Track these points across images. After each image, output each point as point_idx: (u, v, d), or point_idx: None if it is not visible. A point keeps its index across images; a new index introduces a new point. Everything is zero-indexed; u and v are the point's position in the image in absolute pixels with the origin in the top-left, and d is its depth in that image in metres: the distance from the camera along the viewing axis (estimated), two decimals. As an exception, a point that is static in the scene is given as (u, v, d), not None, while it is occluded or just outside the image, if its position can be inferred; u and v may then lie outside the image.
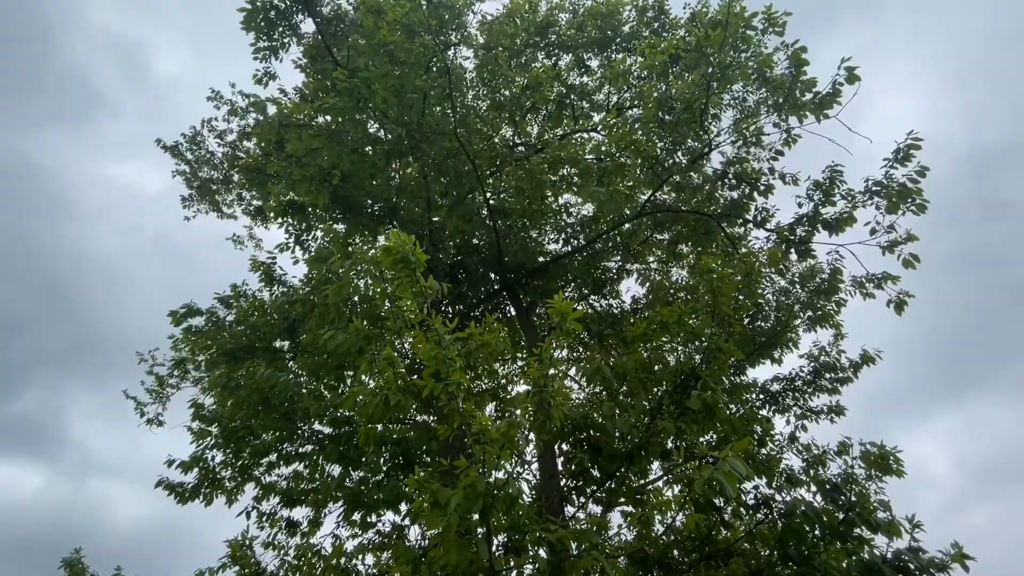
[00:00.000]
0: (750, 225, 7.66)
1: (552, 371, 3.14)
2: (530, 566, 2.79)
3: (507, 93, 8.49)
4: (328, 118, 6.29)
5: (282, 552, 6.11)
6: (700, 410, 3.58)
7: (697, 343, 4.22)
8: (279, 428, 7.04)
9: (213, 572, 4.37)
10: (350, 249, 6.70)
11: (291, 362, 7.16)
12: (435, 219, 8.25)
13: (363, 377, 4.91)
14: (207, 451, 6.78)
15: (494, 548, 3.28)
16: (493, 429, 2.69)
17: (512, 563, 2.79)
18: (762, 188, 7.20)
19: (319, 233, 7.77)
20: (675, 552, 5.63)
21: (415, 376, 4.43)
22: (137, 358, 7.12)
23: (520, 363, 8.52)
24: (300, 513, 6.99)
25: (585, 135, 9.68)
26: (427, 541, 5.46)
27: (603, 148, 7.94)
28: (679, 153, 7.57)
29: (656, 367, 4.63)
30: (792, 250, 6.23)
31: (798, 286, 6.98)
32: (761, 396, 6.99)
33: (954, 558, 3.82)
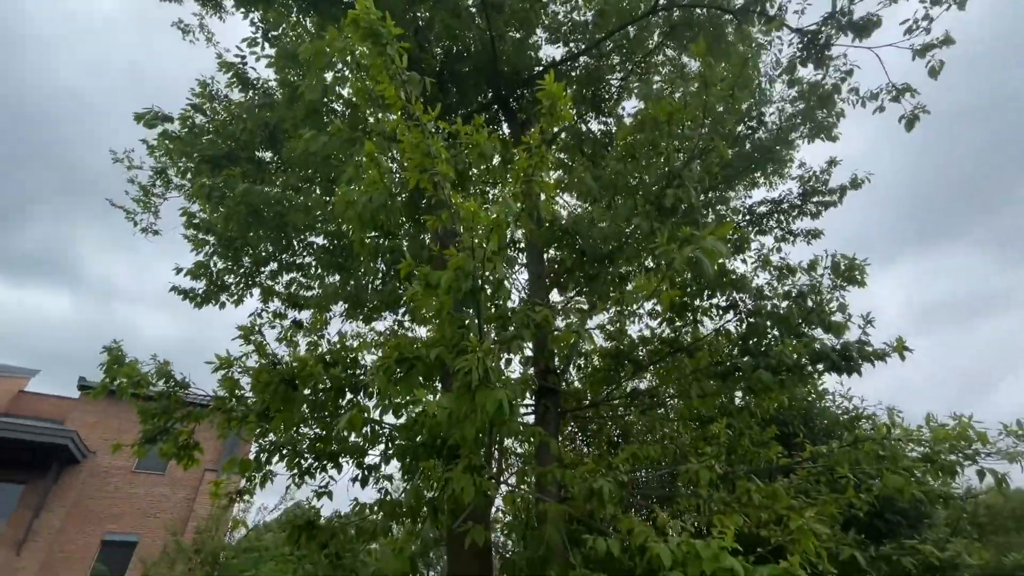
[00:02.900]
0: (773, 30, 6.84)
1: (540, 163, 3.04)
2: (518, 343, 3.09)
3: None
4: None
5: (295, 346, 6.72)
6: (675, 207, 3.62)
7: (686, 143, 4.07)
8: (274, 241, 7.19)
9: (232, 357, 4.78)
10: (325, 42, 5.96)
11: (275, 175, 6.98)
12: (420, 14, 7.25)
13: (351, 185, 4.80)
14: (209, 259, 7.01)
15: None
16: (481, 213, 2.71)
17: (500, 338, 3.08)
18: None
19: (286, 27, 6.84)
20: (645, 350, 6.31)
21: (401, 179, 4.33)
22: (111, 156, 6.83)
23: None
24: (305, 316, 7.56)
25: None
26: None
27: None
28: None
29: (644, 176, 4.56)
30: (811, 53, 5.66)
31: (799, 100, 6.53)
32: (747, 217, 7.09)
33: (895, 348, 4.31)
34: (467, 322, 3.14)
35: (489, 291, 2.84)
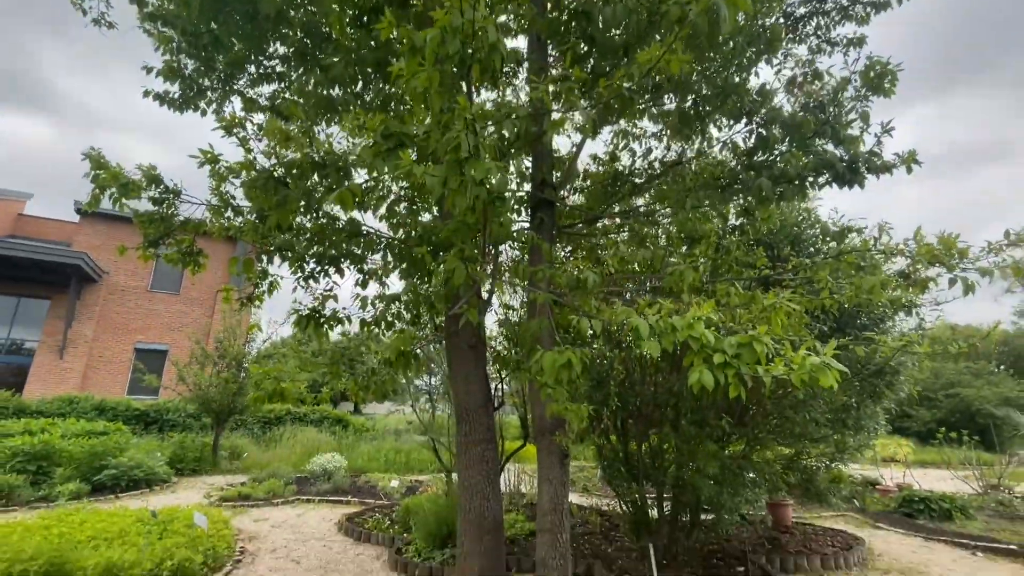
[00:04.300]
0: None
1: None
2: (511, 122, 2.90)
3: None
4: None
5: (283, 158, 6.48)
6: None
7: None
8: (246, 38, 6.43)
9: (218, 154, 4.56)
10: None
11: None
12: None
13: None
14: (177, 58, 6.37)
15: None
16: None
17: (494, 117, 2.88)
18: None
19: None
20: (645, 171, 6.13)
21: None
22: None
23: None
24: (292, 129, 7.14)
25: None
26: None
27: None
28: None
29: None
30: None
31: None
32: (782, 20, 6.25)
33: (905, 161, 4.15)
34: (458, 95, 2.92)
35: (481, 58, 2.56)
